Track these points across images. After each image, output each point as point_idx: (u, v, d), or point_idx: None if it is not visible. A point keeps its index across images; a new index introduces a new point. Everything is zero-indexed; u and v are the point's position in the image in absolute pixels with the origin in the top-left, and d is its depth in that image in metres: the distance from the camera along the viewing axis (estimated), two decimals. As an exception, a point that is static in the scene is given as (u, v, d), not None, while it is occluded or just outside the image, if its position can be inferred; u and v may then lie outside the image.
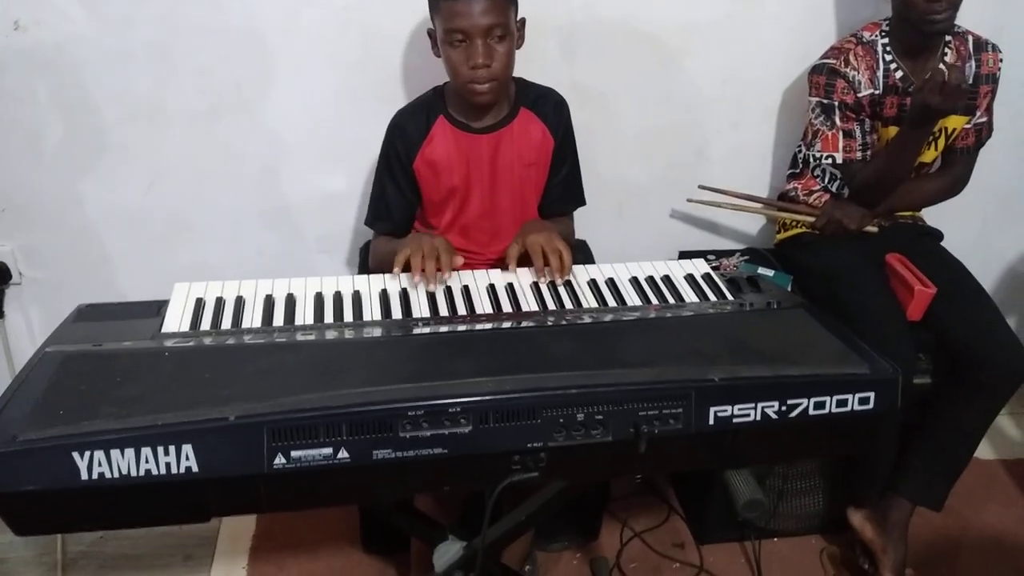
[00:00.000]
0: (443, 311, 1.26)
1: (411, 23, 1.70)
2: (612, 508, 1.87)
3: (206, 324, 1.18)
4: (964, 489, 1.77)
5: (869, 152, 1.74)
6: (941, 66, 1.60)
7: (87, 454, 0.87)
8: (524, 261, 1.41)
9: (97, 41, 1.64)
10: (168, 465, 0.89)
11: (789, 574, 1.78)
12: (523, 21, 1.46)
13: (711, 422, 1.00)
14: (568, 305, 1.29)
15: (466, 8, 1.35)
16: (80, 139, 1.73)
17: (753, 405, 1.01)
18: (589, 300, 1.30)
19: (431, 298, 1.29)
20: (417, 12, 1.64)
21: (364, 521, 1.74)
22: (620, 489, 1.91)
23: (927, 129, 1.63)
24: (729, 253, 1.93)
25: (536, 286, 1.34)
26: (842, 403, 1.04)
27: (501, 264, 1.44)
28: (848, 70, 1.69)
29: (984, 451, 2.05)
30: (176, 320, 1.17)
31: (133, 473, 0.88)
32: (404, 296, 1.29)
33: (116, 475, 0.88)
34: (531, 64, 1.48)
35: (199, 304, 1.22)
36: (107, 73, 1.67)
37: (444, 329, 1.20)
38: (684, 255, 1.98)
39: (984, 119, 1.76)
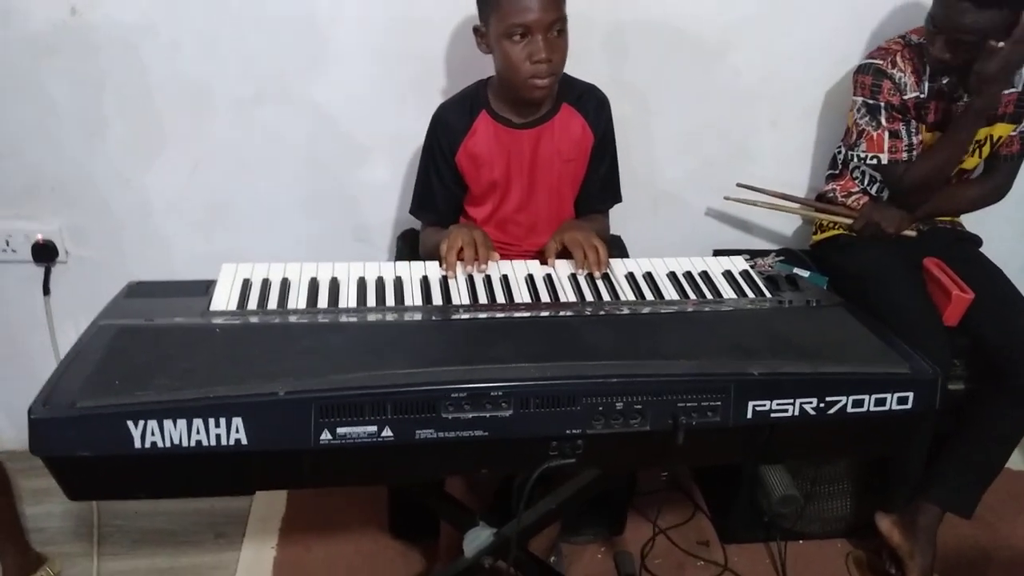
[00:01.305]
0: (482, 299, 1.28)
1: (455, 18, 1.71)
2: (638, 504, 1.88)
3: (253, 304, 1.20)
4: (995, 499, 1.76)
5: (914, 154, 1.73)
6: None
7: (141, 423, 0.90)
8: (562, 258, 1.43)
9: (148, 27, 1.67)
10: (218, 437, 0.91)
11: (814, 577, 1.78)
12: None
13: (749, 416, 1.00)
14: (606, 297, 1.30)
15: (531, 3, 1.36)
16: (128, 122, 1.76)
17: (791, 401, 1.01)
18: (626, 293, 1.31)
19: (471, 286, 1.31)
20: (461, 5, 1.66)
21: (392, 505, 1.77)
22: (646, 485, 1.92)
23: (986, 108, 1.60)
24: (764, 253, 1.92)
25: (574, 278, 1.35)
26: (880, 402, 1.05)
27: (537, 258, 1.46)
28: (895, 72, 1.68)
29: (1016, 462, 2.03)
30: (224, 299, 1.20)
31: (184, 443, 0.91)
32: (444, 283, 1.31)
33: (168, 444, 0.91)
34: (573, 60, 1.49)
35: (246, 284, 1.24)
36: (157, 59, 1.70)
37: (483, 316, 1.22)
38: (719, 253, 1.98)
39: (1031, 127, 1.74)
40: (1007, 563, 1.84)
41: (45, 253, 1.85)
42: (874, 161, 1.73)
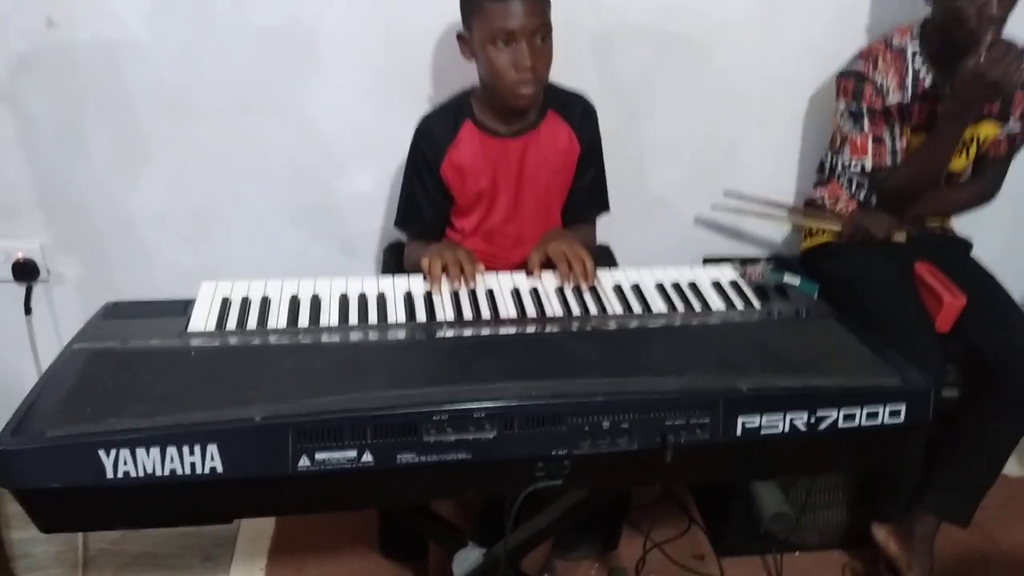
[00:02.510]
0: (467, 314, 1.26)
1: (439, 26, 1.69)
2: (632, 518, 1.86)
3: (232, 324, 1.18)
4: (992, 506, 1.74)
5: (898, 158, 1.71)
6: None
7: (112, 452, 0.88)
8: (547, 267, 1.41)
9: (129, 38, 1.65)
10: (193, 465, 0.89)
11: (811, 588, 1.76)
12: None
13: (739, 433, 0.98)
14: (593, 310, 1.27)
15: (515, 8, 1.34)
16: (109, 136, 1.74)
17: (781, 416, 0.99)
18: (614, 306, 1.29)
19: (455, 301, 1.29)
20: (445, 15, 1.64)
21: (383, 525, 1.74)
22: (641, 498, 1.89)
23: (973, 112, 1.58)
24: (755, 260, 1.91)
25: (561, 291, 1.33)
26: (872, 415, 1.03)
27: (523, 269, 1.43)
28: (876, 75, 1.67)
29: (1013, 468, 2.01)
30: (202, 319, 1.18)
31: (158, 472, 0.89)
32: (428, 298, 1.29)
33: (141, 474, 0.88)
34: (560, 67, 1.48)
35: (225, 303, 1.22)
36: (138, 70, 1.68)
37: (468, 332, 1.19)
38: (709, 261, 1.96)
39: (1018, 127, 1.73)
40: (1004, 568, 1.83)
41: (26, 272, 1.82)
42: (859, 167, 1.72)
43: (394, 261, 1.77)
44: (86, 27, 1.63)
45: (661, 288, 1.34)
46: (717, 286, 1.35)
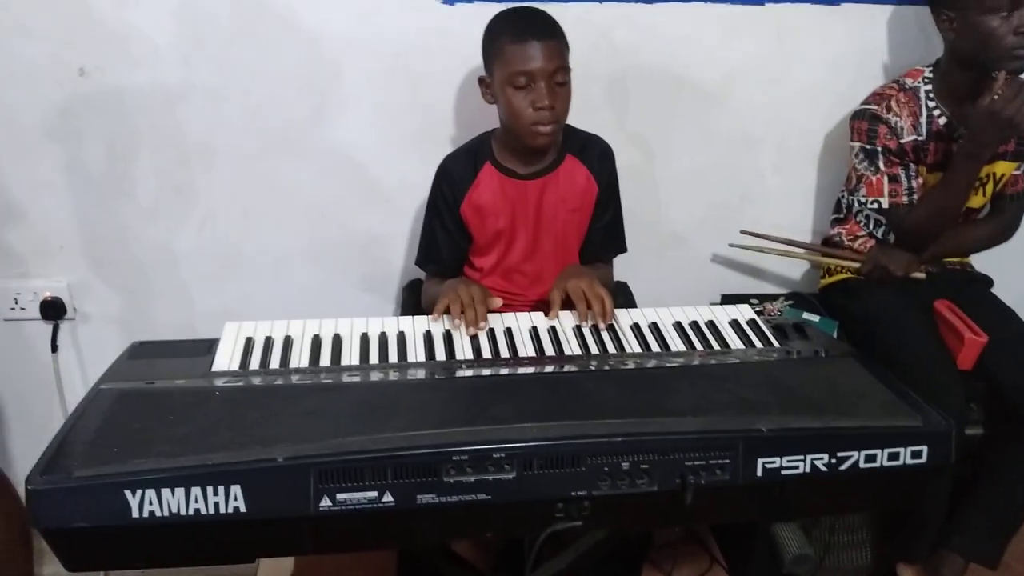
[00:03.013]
0: (486, 353, 1.27)
1: (459, 71, 1.73)
2: (653, 557, 1.84)
3: (255, 363, 1.20)
4: (1021, 546, 1.70)
5: (915, 197, 1.72)
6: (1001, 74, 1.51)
7: (139, 492, 0.89)
8: (566, 305, 1.42)
9: (156, 85, 1.70)
10: (217, 505, 0.90)
11: (835, 630, 1.72)
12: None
13: (759, 474, 0.98)
14: (611, 350, 1.28)
15: (533, 51, 1.39)
16: (137, 179, 1.78)
17: (802, 457, 0.99)
18: (632, 345, 1.30)
19: (474, 340, 1.30)
20: (466, 59, 1.68)
21: (401, 564, 1.73)
22: (662, 537, 1.87)
23: (989, 151, 1.58)
24: (773, 297, 1.91)
25: (579, 329, 1.34)
26: (894, 456, 1.02)
27: (542, 307, 1.45)
28: (890, 116, 1.68)
29: (1040, 506, 1.97)
30: (226, 359, 1.20)
31: (183, 512, 0.90)
32: (448, 338, 1.30)
33: (166, 513, 0.90)
34: (576, 110, 1.50)
35: (248, 343, 1.24)
36: (164, 116, 1.73)
37: (487, 372, 1.20)
38: (727, 299, 1.96)
39: (1036, 164, 1.73)
40: (1036, 612, 1.78)
41: (53, 310, 1.86)
42: (875, 205, 1.73)
43: (413, 298, 1.78)
44: (115, 75, 1.68)
45: (679, 327, 1.35)
46: (735, 325, 1.36)
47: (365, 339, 1.28)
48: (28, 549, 1.62)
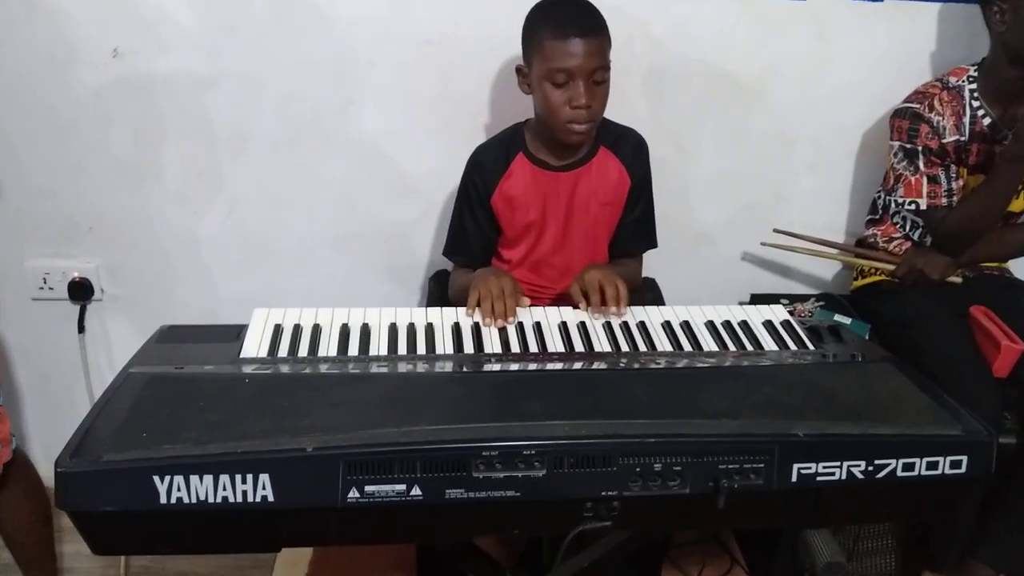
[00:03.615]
0: (515, 347, 1.25)
1: (491, 61, 1.72)
2: (672, 556, 1.82)
3: (283, 351, 1.19)
4: (1051, 559, 1.67)
5: (954, 199, 1.68)
6: None
7: (167, 478, 0.88)
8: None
9: (188, 70, 1.70)
10: (245, 493, 0.89)
11: (858, 637, 1.70)
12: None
13: (794, 479, 0.96)
14: (642, 347, 1.26)
15: (576, 48, 1.36)
16: (167, 163, 1.78)
17: (838, 464, 0.97)
18: (663, 343, 1.28)
19: (503, 334, 1.29)
20: (498, 49, 1.66)
21: (421, 555, 1.72)
22: (681, 536, 1.85)
23: (1020, 155, 1.54)
24: (803, 298, 1.88)
25: (608, 326, 1.32)
26: (932, 465, 1.00)
27: (567, 301, 1.42)
28: (932, 115, 1.64)
29: (1071, 518, 1.93)
30: (255, 345, 1.19)
31: (210, 499, 0.89)
32: (476, 330, 1.29)
33: (194, 500, 0.89)
34: (611, 102, 1.48)
35: (277, 330, 1.23)
36: (195, 101, 1.73)
37: (515, 367, 1.19)
38: (756, 298, 1.94)
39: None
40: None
41: (81, 291, 1.87)
42: (912, 207, 1.69)
43: (439, 289, 1.77)
44: (148, 59, 1.68)
45: (711, 326, 1.33)
46: (768, 326, 1.33)
47: (393, 329, 1.26)
48: (49, 528, 1.64)
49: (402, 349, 1.22)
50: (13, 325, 1.90)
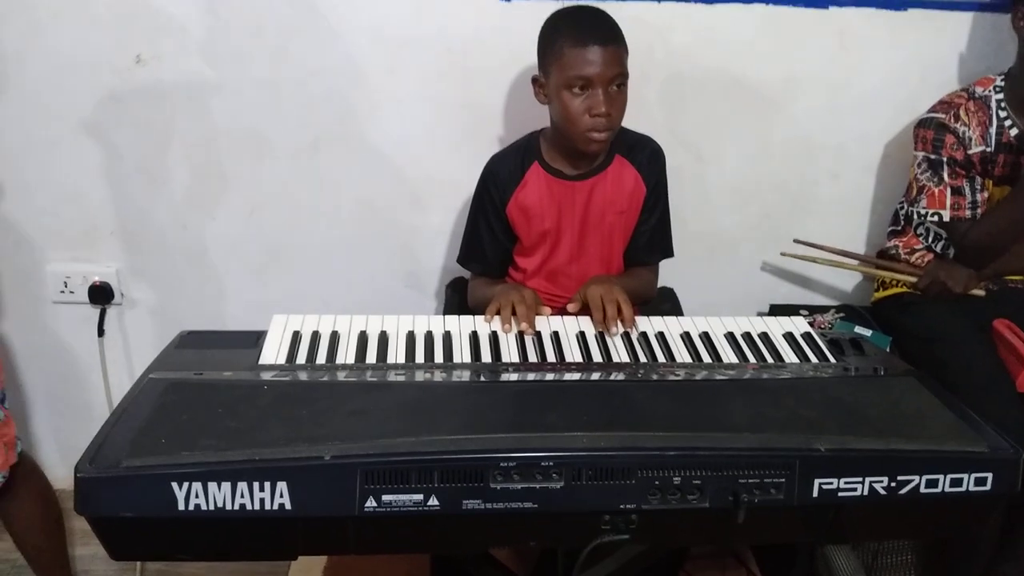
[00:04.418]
0: (532, 357, 1.25)
1: (512, 69, 1.72)
2: (688, 568, 1.80)
3: (302, 358, 1.19)
4: (1075, 578, 1.64)
5: (978, 211, 1.66)
6: None
7: (185, 485, 0.88)
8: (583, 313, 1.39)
9: (211, 76, 1.71)
10: (263, 501, 0.89)
11: (877, 654, 1.68)
12: None
13: (815, 495, 0.95)
14: (660, 358, 1.25)
15: (594, 56, 1.36)
16: (187, 169, 1.80)
17: (861, 479, 0.95)
18: (682, 354, 1.27)
19: (520, 343, 1.28)
20: (520, 57, 1.66)
21: (435, 565, 1.72)
22: (698, 549, 1.84)
23: None
24: (823, 309, 1.87)
25: (627, 336, 1.31)
26: (956, 483, 0.98)
27: (583, 311, 1.41)
28: (958, 125, 1.62)
29: (1096, 536, 1.90)
30: (273, 352, 1.19)
31: (228, 507, 0.89)
32: (494, 339, 1.28)
33: (212, 507, 0.89)
34: (629, 110, 1.48)
35: (296, 337, 1.23)
36: (218, 106, 1.74)
37: (533, 376, 1.18)
38: (775, 309, 1.92)
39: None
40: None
41: (101, 295, 1.88)
42: (935, 218, 1.67)
43: (457, 296, 1.77)
44: (172, 65, 1.70)
45: (731, 337, 1.32)
46: (789, 338, 1.32)
47: (411, 337, 1.26)
48: (61, 531, 1.65)
49: (420, 357, 1.22)
50: (34, 328, 1.92)
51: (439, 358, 1.22)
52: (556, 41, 1.41)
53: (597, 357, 1.25)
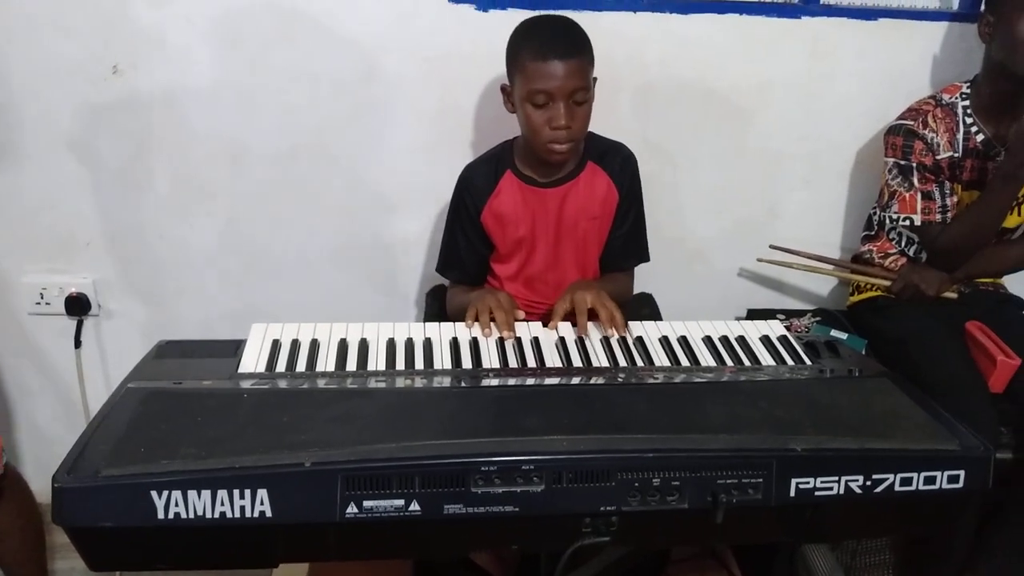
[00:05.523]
0: (513, 363, 1.26)
1: (490, 77, 1.73)
2: (670, 571, 1.81)
3: (281, 366, 1.19)
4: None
5: (949, 215, 1.69)
6: None
7: (165, 493, 0.88)
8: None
9: (190, 85, 1.70)
10: (243, 508, 0.89)
11: (856, 654, 1.69)
12: (595, 79, 1.47)
13: (792, 494, 0.96)
14: (639, 362, 1.27)
15: (554, 70, 1.37)
16: (166, 178, 1.79)
17: (837, 478, 0.97)
18: (661, 358, 1.28)
19: (501, 348, 1.29)
20: (495, 67, 1.66)
21: (417, 570, 1.72)
22: (679, 551, 1.84)
23: (1016, 171, 1.54)
24: (800, 313, 1.89)
25: (606, 341, 1.32)
26: (930, 480, 1.00)
27: (569, 318, 1.42)
28: (927, 132, 1.66)
29: (1069, 534, 1.93)
30: (253, 361, 1.19)
31: (208, 515, 0.89)
32: (474, 345, 1.29)
33: (191, 516, 0.88)
34: (602, 119, 1.49)
35: (275, 345, 1.23)
36: (196, 116, 1.73)
37: (513, 381, 1.19)
38: (752, 314, 1.95)
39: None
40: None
41: (78, 306, 1.87)
42: (907, 222, 1.70)
43: (437, 304, 1.78)
44: (149, 74, 1.69)
45: (709, 341, 1.33)
46: (766, 341, 1.33)
47: (391, 345, 1.27)
48: (43, 544, 1.62)
49: (400, 364, 1.22)
50: (10, 340, 1.90)
51: (419, 365, 1.22)
52: (519, 53, 1.42)
53: (577, 361, 1.26)
